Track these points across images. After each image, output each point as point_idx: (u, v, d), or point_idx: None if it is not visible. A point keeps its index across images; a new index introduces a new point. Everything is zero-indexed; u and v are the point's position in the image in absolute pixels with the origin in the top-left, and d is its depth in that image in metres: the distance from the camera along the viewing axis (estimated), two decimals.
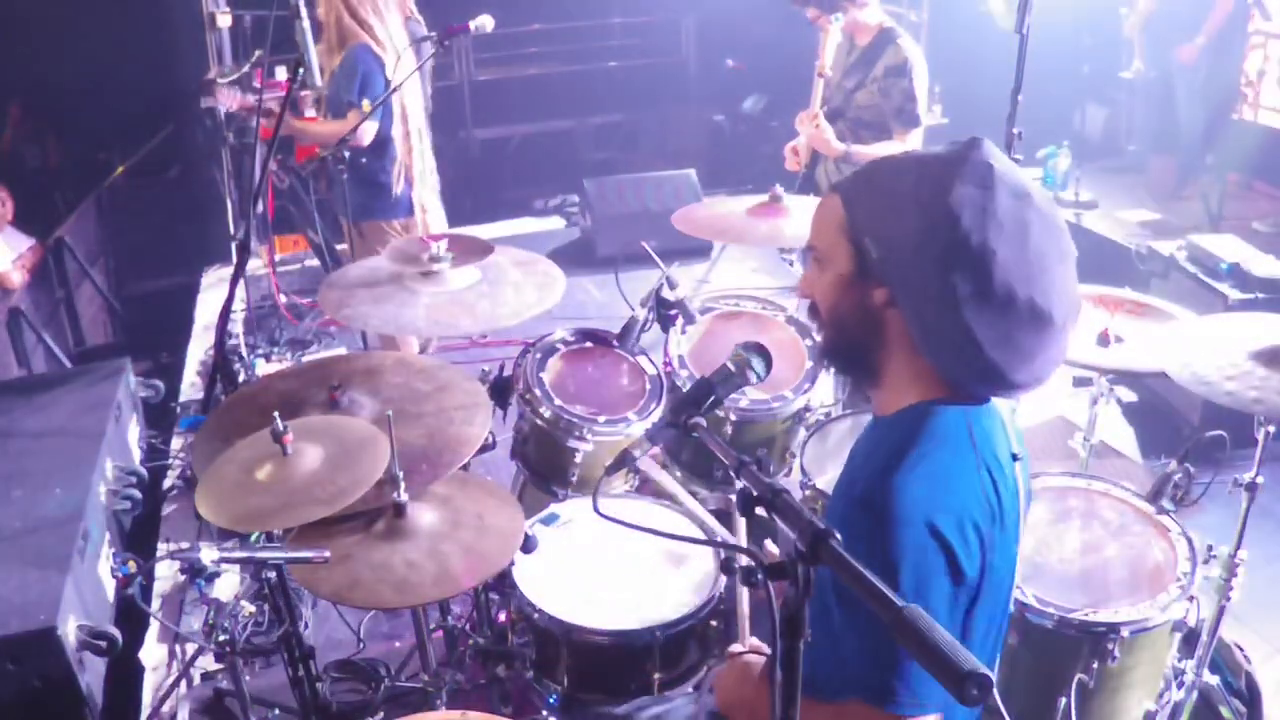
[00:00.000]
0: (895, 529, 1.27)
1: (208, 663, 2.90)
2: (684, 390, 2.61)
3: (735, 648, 1.78)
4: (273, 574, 1.90)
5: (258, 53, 5.03)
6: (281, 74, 5.02)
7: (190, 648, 2.98)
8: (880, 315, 1.37)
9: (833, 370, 1.49)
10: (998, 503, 1.36)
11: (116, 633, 2.69)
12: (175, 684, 2.86)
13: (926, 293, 1.31)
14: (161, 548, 3.43)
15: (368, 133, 3.55)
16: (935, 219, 1.30)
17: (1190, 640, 2.46)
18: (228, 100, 4.51)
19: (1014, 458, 1.44)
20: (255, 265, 5.51)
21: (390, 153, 3.72)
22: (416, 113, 3.78)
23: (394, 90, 3.56)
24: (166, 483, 3.81)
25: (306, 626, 2.83)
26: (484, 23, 3.39)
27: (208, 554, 1.74)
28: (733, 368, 1.41)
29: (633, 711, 1.96)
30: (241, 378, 4.17)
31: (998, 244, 1.28)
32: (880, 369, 1.41)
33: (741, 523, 2.19)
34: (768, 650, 1.66)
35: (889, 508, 1.28)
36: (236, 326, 4.77)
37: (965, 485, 1.33)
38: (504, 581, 2.19)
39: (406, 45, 3.71)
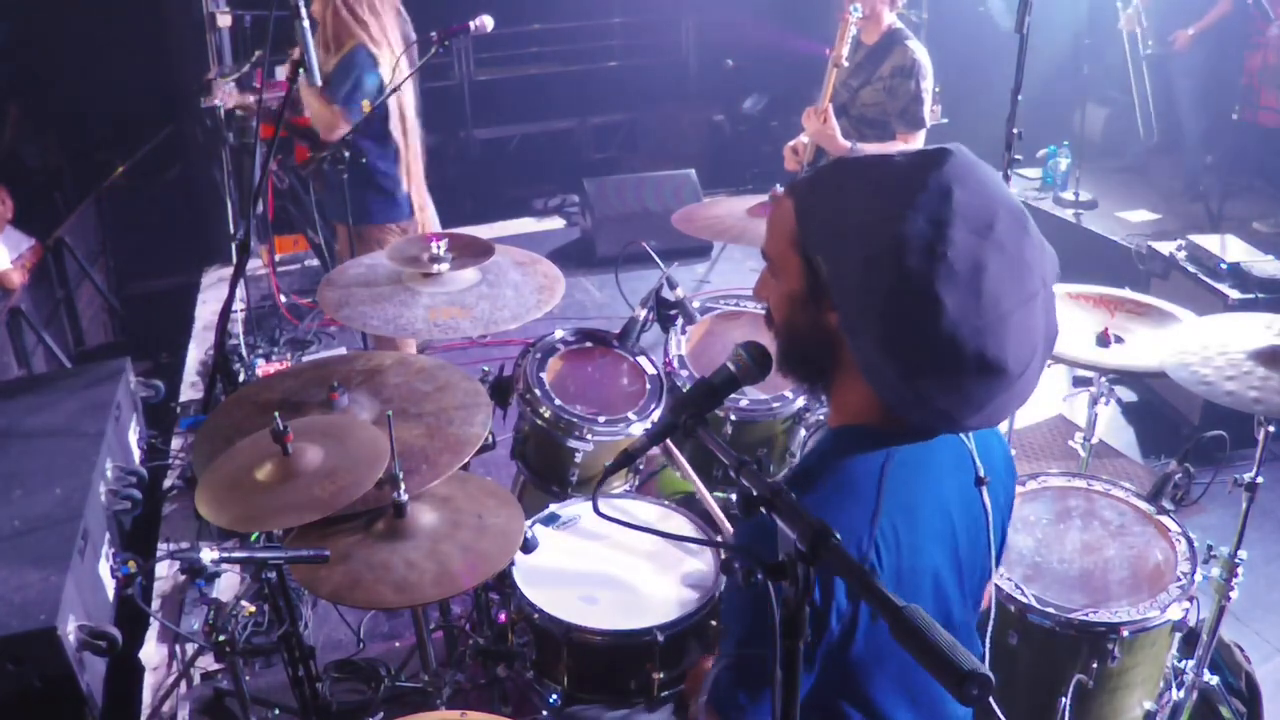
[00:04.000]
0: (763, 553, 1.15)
1: (208, 663, 2.91)
2: (684, 390, 2.61)
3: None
4: (273, 574, 1.90)
5: (257, 53, 5.03)
6: (281, 74, 5.01)
7: (190, 648, 2.98)
8: (833, 338, 1.27)
9: (785, 376, 1.39)
10: (893, 555, 1.23)
11: (116, 633, 2.69)
12: (175, 684, 2.86)
13: (870, 333, 1.20)
14: (161, 548, 3.43)
15: (340, 128, 3.51)
16: (880, 255, 1.17)
17: (1190, 640, 2.46)
18: (224, 97, 4.51)
19: (978, 482, 1.36)
20: (255, 265, 5.52)
21: (392, 154, 3.70)
22: (412, 112, 3.79)
23: (394, 90, 3.55)
24: (166, 483, 3.82)
25: (306, 626, 2.83)
26: (484, 23, 3.39)
27: (208, 554, 1.74)
28: (733, 368, 1.41)
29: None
30: (241, 378, 4.17)
31: (945, 291, 1.15)
32: (831, 385, 1.33)
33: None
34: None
35: (766, 534, 1.15)
36: (236, 326, 4.77)
37: (845, 533, 1.12)
38: (504, 581, 2.19)
39: (402, 45, 3.69)
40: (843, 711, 1.31)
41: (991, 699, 1.76)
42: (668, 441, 2.17)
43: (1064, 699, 2.17)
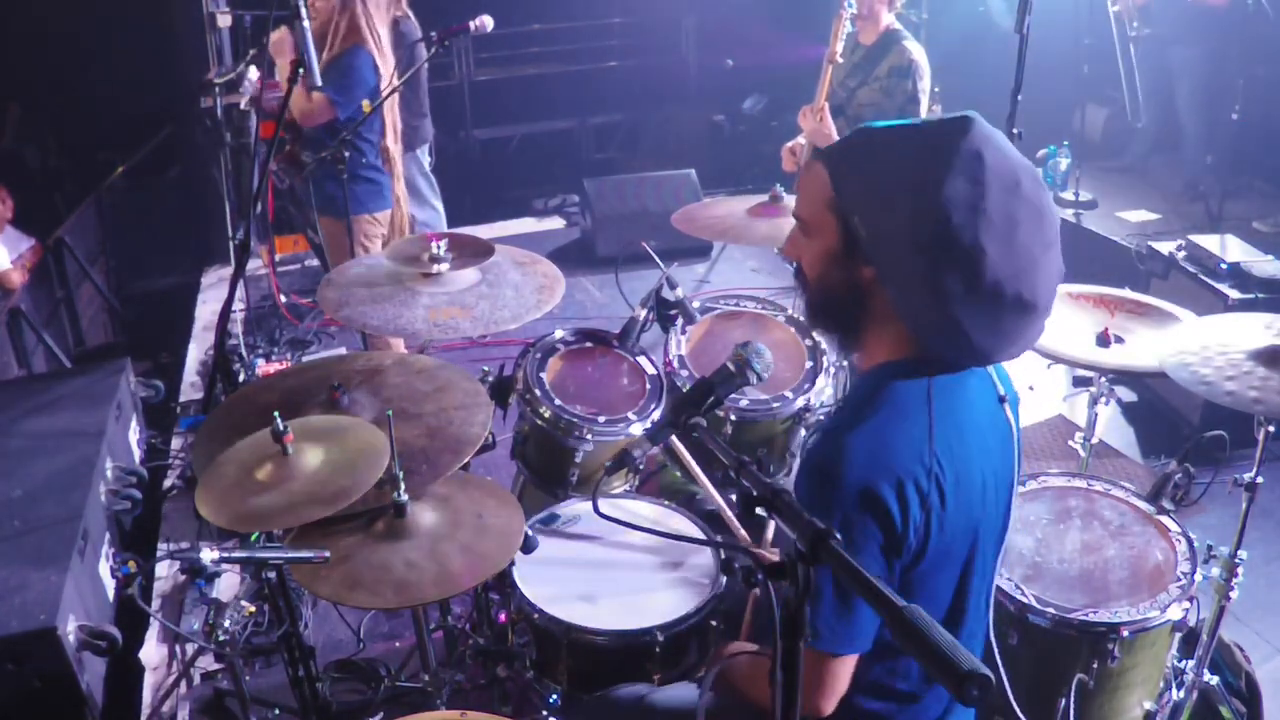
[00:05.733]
0: (833, 490, 1.33)
1: (208, 663, 2.91)
2: (684, 390, 2.61)
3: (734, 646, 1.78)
4: (273, 574, 1.90)
5: (252, 52, 5.02)
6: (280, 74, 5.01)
7: (190, 648, 2.98)
8: (867, 290, 1.39)
9: (816, 329, 1.53)
10: (952, 464, 1.39)
11: (116, 633, 2.70)
12: (175, 684, 2.86)
13: (916, 284, 1.33)
14: (161, 548, 3.43)
15: (317, 118, 3.60)
16: (925, 213, 1.30)
17: (1190, 640, 2.46)
18: (254, 88, 4.52)
19: (1000, 399, 1.51)
20: (255, 265, 5.51)
21: (377, 149, 3.78)
22: (394, 108, 3.84)
23: (392, 92, 3.59)
24: (166, 483, 3.81)
25: (306, 626, 2.83)
26: (484, 23, 3.40)
27: (208, 554, 1.74)
28: (733, 368, 1.42)
29: (632, 698, 1.95)
30: (241, 378, 4.17)
31: (988, 242, 1.30)
32: (863, 334, 1.46)
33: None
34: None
35: (830, 469, 1.34)
36: (236, 326, 4.77)
37: (910, 450, 1.36)
38: (504, 581, 2.19)
39: (393, 54, 3.78)
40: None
41: (1006, 685, 1.82)
42: (674, 440, 2.18)
43: (1064, 699, 2.17)
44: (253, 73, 4.50)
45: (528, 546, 2.16)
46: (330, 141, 3.42)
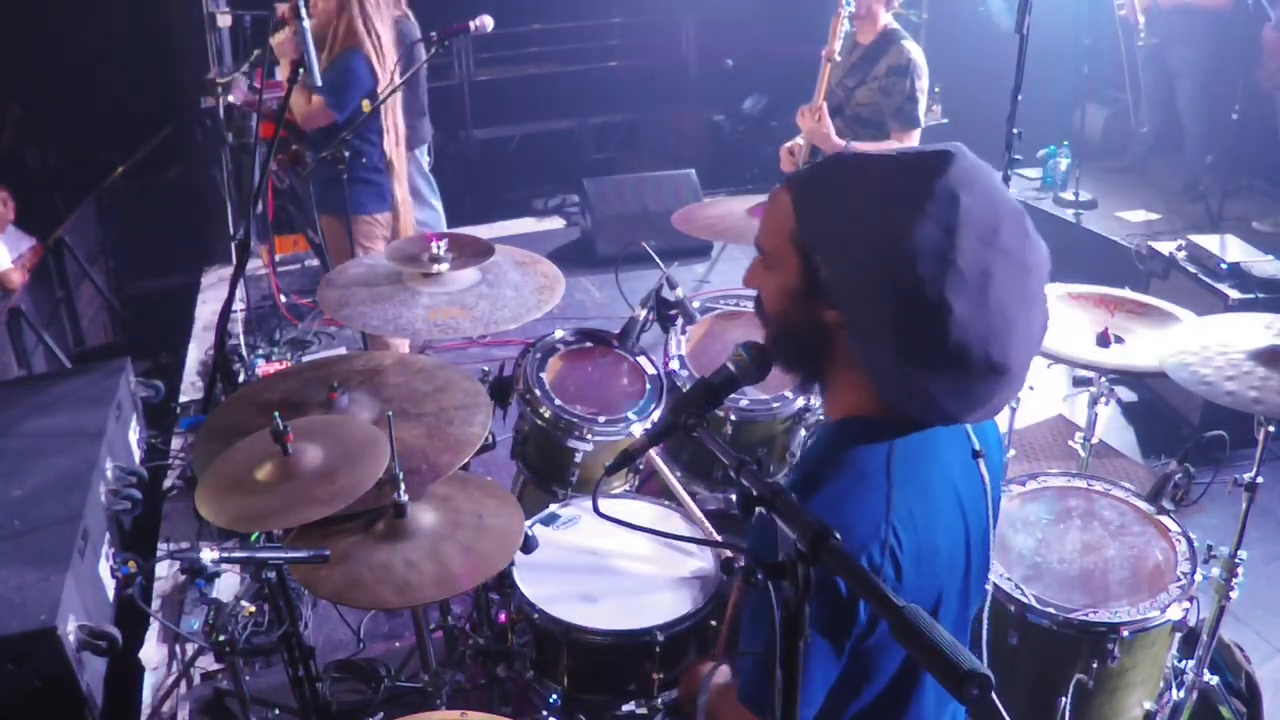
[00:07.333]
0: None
1: (208, 663, 2.91)
2: (684, 390, 2.61)
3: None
4: (273, 574, 1.90)
5: (256, 52, 5.03)
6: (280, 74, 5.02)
7: (190, 648, 2.98)
8: (831, 334, 1.28)
9: (776, 365, 1.39)
10: (913, 534, 1.26)
11: (116, 633, 2.70)
12: (175, 684, 2.86)
13: (877, 337, 1.22)
14: (161, 548, 3.43)
15: (318, 120, 3.64)
16: (890, 259, 1.18)
17: (1190, 640, 2.46)
18: (238, 94, 4.52)
19: (975, 454, 1.40)
20: (255, 265, 5.51)
21: (382, 148, 3.78)
22: (399, 113, 3.84)
23: (392, 92, 3.59)
24: (166, 483, 3.81)
25: (306, 626, 2.83)
26: (484, 23, 3.40)
27: (208, 554, 1.74)
28: (733, 368, 1.41)
29: None
30: (241, 378, 4.17)
31: (955, 298, 1.17)
32: (825, 376, 1.35)
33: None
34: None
35: None
36: (236, 326, 4.77)
37: (865, 524, 1.23)
38: (504, 581, 2.19)
39: (394, 54, 3.78)
40: (864, 693, 1.33)
41: (994, 695, 1.77)
42: (652, 454, 2.16)
43: (1064, 699, 2.17)
44: (241, 81, 4.51)
45: (528, 546, 2.16)
46: (331, 142, 3.43)
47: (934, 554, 1.31)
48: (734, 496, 2.30)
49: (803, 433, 2.75)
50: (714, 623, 2.15)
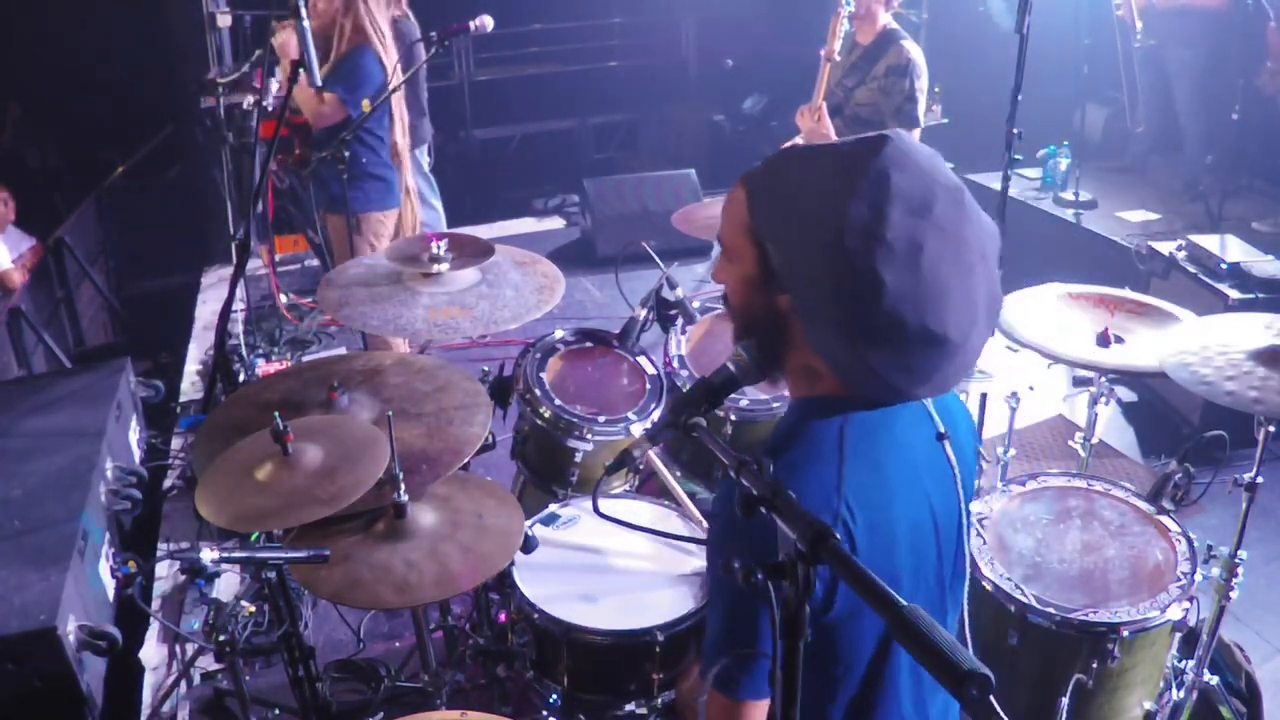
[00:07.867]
0: (735, 529, 1.25)
1: (208, 663, 2.91)
2: (684, 390, 2.61)
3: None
4: (273, 574, 1.90)
5: (257, 52, 5.03)
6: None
7: (190, 648, 2.98)
8: (786, 319, 1.33)
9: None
10: (865, 510, 1.30)
11: (116, 633, 2.69)
12: (175, 684, 2.86)
13: (822, 315, 1.27)
14: (161, 548, 3.43)
15: (328, 118, 3.65)
16: (825, 239, 1.24)
17: (1190, 640, 2.46)
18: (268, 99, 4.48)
19: (939, 436, 1.43)
20: (255, 265, 5.51)
21: (387, 146, 3.81)
22: (402, 105, 3.85)
23: (394, 90, 3.60)
24: (166, 483, 3.81)
25: (306, 626, 2.83)
26: (484, 23, 3.41)
27: (208, 554, 1.74)
28: (733, 368, 1.41)
29: None
30: (241, 378, 4.17)
31: (885, 270, 1.21)
32: (785, 362, 1.39)
33: None
34: None
35: (734, 508, 1.21)
36: (236, 326, 4.77)
37: (817, 495, 1.27)
38: (504, 581, 2.19)
39: (397, 52, 3.81)
40: (827, 671, 1.35)
41: (992, 697, 1.77)
42: (651, 455, 2.16)
43: (1064, 699, 2.17)
44: (273, 85, 4.49)
45: (528, 546, 2.16)
46: (333, 142, 3.43)
47: (890, 532, 1.34)
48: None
49: None
50: None
